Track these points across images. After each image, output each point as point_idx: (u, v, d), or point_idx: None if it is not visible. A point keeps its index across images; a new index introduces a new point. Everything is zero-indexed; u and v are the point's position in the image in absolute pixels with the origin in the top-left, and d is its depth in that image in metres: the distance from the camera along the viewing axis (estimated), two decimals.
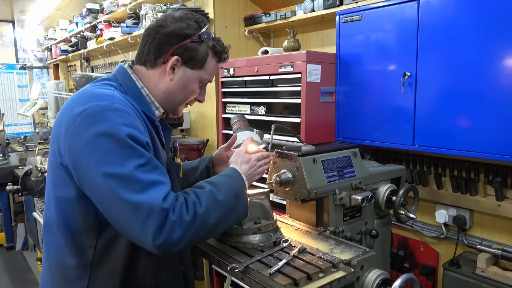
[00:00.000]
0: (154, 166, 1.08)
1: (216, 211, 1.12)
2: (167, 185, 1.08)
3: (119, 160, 1.02)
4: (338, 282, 1.25)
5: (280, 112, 2.37)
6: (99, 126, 1.04)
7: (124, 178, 1.01)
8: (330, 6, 2.45)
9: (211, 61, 1.28)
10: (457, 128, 1.81)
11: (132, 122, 1.09)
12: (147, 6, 3.60)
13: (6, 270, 4.20)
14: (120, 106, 1.10)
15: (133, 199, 1.00)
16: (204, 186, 1.17)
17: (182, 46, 1.21)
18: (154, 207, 1.01)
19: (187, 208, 1.06)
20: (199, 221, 1.08)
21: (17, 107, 5.88)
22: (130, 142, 1.05)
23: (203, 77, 1.28)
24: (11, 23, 7.73)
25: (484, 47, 1.70)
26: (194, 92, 1.30)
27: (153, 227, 1.00)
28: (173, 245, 1.04)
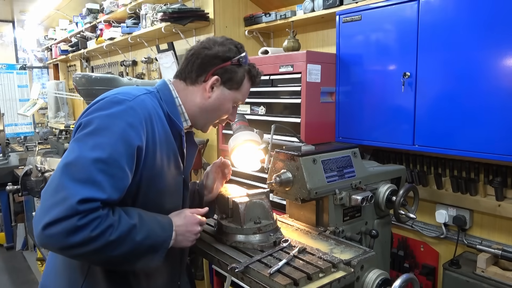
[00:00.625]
0: (112, 171, 1.06)
1: (124, 247, 1.07)
2: (104, 194, 1.03)
3: (92, 144, 1.06)
4: (338, 282, 1.25)
5: (280, 112, 2.37)
6: (103, 111, 1.12)
7: (80, 160, 1.04)
8: (330, 6, 2.45)
9: (246, 83, 1.38)
10: (457, 128, 1.81)
11: (135, 123, 1.12)
12: (147, 6, 3.61)
13: (6, 270, 4.20)
14: (134, 105, 1.15)
15: (63, 181, 1.01)
16: (133, 216, 1.12)
17: (223, 67, 1.31)
18: (68, 199, 0.99)
19: (98, 225, 1.01)
20: (101, 244, 1.03)
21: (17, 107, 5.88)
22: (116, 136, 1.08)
23: (238, 98, 1.38)
24: (11, 23, 7.73)
25: (484, 47, 1.70)
26: (227, 111, 1.38)
27: (53, 215, 0.98)
28: (62, 247, 1.00)
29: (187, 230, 1.26)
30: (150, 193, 1.22)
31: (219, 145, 2.89)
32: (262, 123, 2.40)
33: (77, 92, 2.92)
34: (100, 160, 1.04)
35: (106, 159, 1.05)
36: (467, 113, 1.77)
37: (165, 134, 1.24)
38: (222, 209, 1.57)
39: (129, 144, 1.09)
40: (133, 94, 1.19)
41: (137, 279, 1.27)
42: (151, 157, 1.18)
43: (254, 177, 2.53)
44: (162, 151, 1.22)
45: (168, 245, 1.20)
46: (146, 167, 1.17)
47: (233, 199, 1.51)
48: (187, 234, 1.26)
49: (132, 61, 4.58)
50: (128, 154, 1.09)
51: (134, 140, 1.11)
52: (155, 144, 1.19)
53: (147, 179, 1.19)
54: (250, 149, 1.79)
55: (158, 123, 1.21)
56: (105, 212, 1.04)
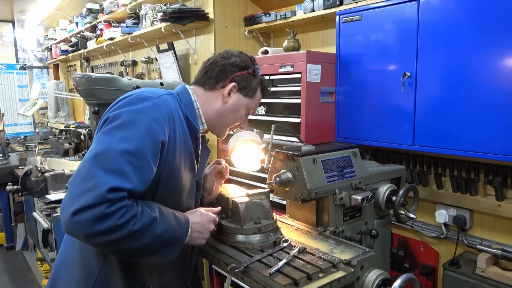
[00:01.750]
0: (138, 163, 1.10)
1: (145, 238, 1.11)
2: (130, 184, 1.07)
3: (120, 136, 1.11)
4: (338, 282, 1.25)
5: (280, 112, 2.37)
6: (130, 107, 1.17)
7: (109, 151, 1.08)
8: (330, 6, 2.45)
9: (259, 93, 1.47)
10: (457, 128, 1.81)
11: (160, 119, 1.18)
12: (147, 6, 3.61)
13: (6, 270, 4.20)
14: (159, 103, 1.21)
15: (93, 170, 1.05)
16: (154, 210, 1.15)
17: (240, 75, 1.40)
18: (98, 187, 1.02)
19: (124, 214, 1.05)
20: (125, 234, 1.06)
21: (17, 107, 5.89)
22: (142, 130, 1.12)
23: (251, 106, 1.46)
24: (11, 23, 7.72)
25: (484, 47, 1.70)
26: (241, 117, 1.45)
27: (83, 202, 1.01)
28: (90, 233, 1.03)
29: (203, 227, 1.30)
30: (168, 190, 1.26)
31: (219, 145, 2.89)
32: (262, 123, 2.40)
33: (77, 92, 2.92)
34: (127, 152, 1.09)
35: (133, 151, 1.10)
36: (467, 113, 1.77)
37: (184, 134, 1.30)
38: (222, 209, 1.57)
39: (154, 138, 1.14)
40: (158, 93, 1.26)
41: (151, 274, 1.30)
42: (171, 154, 1.22)
43: (254, 177, 2.53)
44: (180, 150, 1.27)
45: (184, 241, 1.23)
46: (166, 163, 1.21)
47: (233, 199, 1.51)
48: (203, 232, 1.30)
49: (132, 61, 4.58)
50: (153, 148, 1.14)
51: (159, 135, 1.16)
52: (175, 142, 1.24)
53: (166, 175, 1.23)
54: (250, 149, 1.79)
55: (178, 123, 1.27)
56: (130, 202, 1.08)
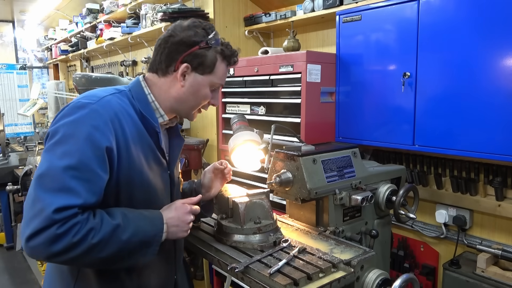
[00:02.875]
0: (85, 176, 1.07)
1: (111, 247, 1.08)
2: (80, 199, 1.04)
3: (61, 153, 1.07)
4: (338, 282, 1.25)
5: (280, 112, 2.37)
6: (68, 118, 1.12)
7: (51, 170, 1.05)
8: (330, 6, 2.45)
9: (221, 65, 1.31)
10: (457, 128, 1.81)
11: (100, 125, 1.12)
12: (147, 6, 3.61)
13: (6, 270, 4.20)
14: (97, 108, 1.14)
15: (38, 193, 1.04)
16: (116, 217, 1.12)
17: (190, 53, 1.26)
18: (44, 210, 1.00)
19: (78, 231, 1.03)
20: (85, 248, 1.04)
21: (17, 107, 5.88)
22: (82, 141, 1.08)
23: (213, 81, 1.31)
24: (11, 23, 7.73)
25: (484, 47, 1.70)
26: (205, 97, 1.33)
27: (34, 227, 1.00)
28: (48, 255, 1.03)
29: (180, 220, 1.26)
30: (135, 192, 1.22)
31: (219, 145, 2.89)
32: (262, 123, 2.40)
33: (77, 92, 2.93)
34: (70, 167, 1.05)
35: (76, 165, 1.06)
36: (467, 113, 1.77)
37: (138, 132, 1.23)
38: (222, 209, 1.57)
39: (96, 147, 1.09)
40: (98, 96, 1.19)
41: (129, 275, 1.27)
42: (125, 156, 1.17)
43: (254, 177, 2.53)
44: (137, 150, 1.22)
45: (161, 238, 1.20)
46: (122, 167, 1.17)
47: (233, 199, 1.51)
48: (181, 225, 1.26)
49: (132, 61, 4.58)
50: (97, 156, 1.09)
51: (101, 142, 1.10)
52: (127, 143, 1.18)
53: (126, 178, 1.19)
54: (250, 149, 1.79)
55: (128, 122, 1.20)
56: (84, 216, 1.05)
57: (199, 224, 1.70)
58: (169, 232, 1.23)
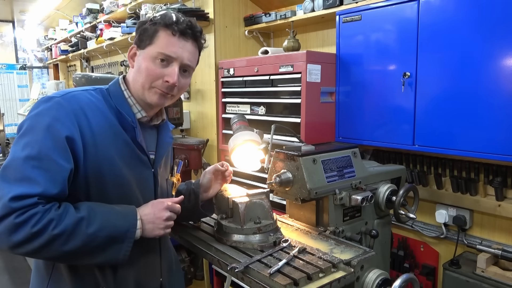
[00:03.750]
0: (45, 166, 1.07)
1: (75, 240, 1.07)
2: (39, 188, 1.05)
3: (22, 144, 1.10)
4: (338, 282, 1.25)
5: (280, 112, 2.37)
6: (32, 112, 1.15)
7: (13, 161, 1.08)
8: (330, 6, 2.45)
9: (162, 34, 1.24)
10: (457, 128, 1.81)
11: (61, 116, 1.13)
12: (147, 6, 3.60)
13: (6, 270, 4.20)
14: (61, 101, 1.16)
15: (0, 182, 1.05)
16: (81, 210, 1.12)
17: (138, 35, 1.28)
18: (2, 199, 1.02)
19: (38, 221, 1.03)
20: (46, 239, 1.04)
21: (17, 107, 5.89)
22: (41, 131, 1.09)
23: (154, 51, 1.24)
24: (11, 23, 7.73)
25: (484, 47, 1.70)
26: (148, 71, 1.24)
27: None
28: (9, 245, 1.03)
29: (155, 217, 1.22)
30: (105, 186, 1.20)
31: (219, 145, 2.89)
32: (262, 123, 2.40)
33: None
34: (30, 157, 1.07)
35: (36, 155, 1.07)
36: (467, 113, 1.77)
37: (110, 126, 1.22)
38: (222, 209, 1.57)
39: (57, 136, 1.10)
40: (66, 91, 1.21)
41: (103, 274, 1.24)
42: (92, 148, 1.16)
43: (254, 177, 2.53)
44: (107, 143, 1.20)
45: (134, 234, 1.17)
46: (88, 158, 1.16)
47: (233, 199, 1.51)
48: (157, 221, 1.23)
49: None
50: (57, 147, 1.10)
51: (61, 132, 1.11)
52: (93, 135, 1.17)
53: (94, 171, 1.17)
54: (250, 149, 1.79)
55: (96, 116, 1.20)
56: (46, 207, 1.05)
57: (199, 224, 1.70)
58: (144, 229, 1.21)
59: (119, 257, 1.16)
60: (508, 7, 1.62)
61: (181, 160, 1.50)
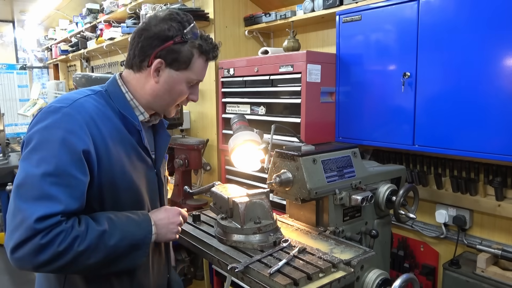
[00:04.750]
0: (64, 181, 1.04)
1: (99, 253, 1.07)
2: (61, 206, 1.02)
3: (37, 160, 1.04)
4: (338, 282, 1.25)
5: (280, 112, 2.37)
6: (41, 124, 1.09)
7: (29, 179, 1.03)
8: (330, 6, 2.45)
9: (198, 60, 1.25)
10: (457, 128, 1.81)
11: (74, 129, 1.09)
12: (147, 6, 3.60)
13: (6, 270, 4.20)
14: (70, 111, 1.11)
15: (18, 203, 1.01)
16: (101, 222, 1.10)
17: (164, 48, 1.20)
18: (25, 221, 0.98)
19: (63, 239, 1.01)
20: (72, 256, 1.03)
21: (17, 107, 5.89)
22: (56, 145, 1.05)
23: (190, 78, 1.26)
24: (11, 23, 7.73)
25: (484, 47, 1.70)
26: (181, 93, 1.28)
27: (17, 238, 0.99)
28: (34, 266, 1.01)
29: (169, 222, 1.25)
30: (120, 195, 1.20)
31: (219, 145, 2.89)
32: (262, 123, 2.40)
33: None
34: (48, 174, 1.02)
35: (54, 171, 1.03)
36: (467, 113, 1.77)
37: (118, 132, 1.20)
38: (222, 209, 1.57)
39: (73, 150, 1.06)
40: (71, 99, 1.15)
41: (119, 277, 1.24)
42: (105, 158, 1.15)
43: (254, 177, 2.53)
44: (118, 150, 1.18)
45: (150, 240, 1.19)
46: (103, 169, 1.14)
47: (233, 199, 1.51)
48: (171, 226, 1.26)
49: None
50: (74, 161, 1.06)
51: (77, 145, 1.07)
52: (106, 144, 1.15)
53: (108, 181, 1.16)
54: (250, 149, 1.80)
55: (105, 123, 1.17)
56: (69, 224, 1.03)
57: (199, 224, 1.70)
58: (158, 234, 1.22)
59: (137, 263, 1.17)
60: (507, 7, 1.62)
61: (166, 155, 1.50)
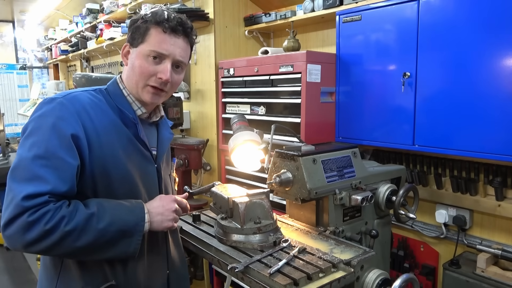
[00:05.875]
0: (53, 164, 1.09)
1: (87, 236, 1.09)
2: (48, 186, 1.07)
3: (29, 145, 1.11)
4: (338, 282, 1.25)
5: (280, 112, 2.37)
6: (36, 113, 1.17)
7: (21, 162, 1.10)
8: (330, 6, 2.45)
9: (154, 31, 1.26)
10: (457, 128, 1.81)
11: (65, 115, 1.15)
12: (147, 6, 3.60)
13: (6, 270, 4.20)
14: (63, 101, 1.18)
15: (10, 184, 1.08)
16: (91, 206, 1.14)
17: (130, 33, 1.29)
18: (14, 199, 1.05)
19: (50, 218, 1.05)
20: (59, 236, 1.06)
21: (17, 107, 5.90)
22: (47, 131, 1.12)
23: (146, 49, 1.26)
24: (11, 23, 7.73)
25: (484, 47, 1.70)
26: (142, 68, 1.26)
27: (7, 216, 1.05)
28: (23, 244, 1.06)
29: (164, 208, 1.26)
30: (113, 184, 1.22)
31: (219, 145, 2.89)
32: (262, 123, 2.40)
33: None
34: (37, 156, 1.09)
35: (43, 154, 1.09)
36: (467, 113, 1.77)
37: (114, 125, 1.25)
38: (222, 209, 1.57)
39: (62, 135, 1.12)
40: (67, 92, 1.23)
41: (114, 268, 1.25)
42: (96, 146, 1.19)
43: (254, 177, 2.53)
44: (111, 140, 1.22)
45: (142, 227, 1.20)
46: (94, 156, 1.18)
47: (233, 199, 1.51)
48: (166, 213, 1.26)
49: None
50: (64, 144, 1.12)
51: (66, 130, 1.13)
52: (97, 133, 1.19)
53: (100, 169, 1.19)
54: (250, 149, 1.80)
55: (98, 115, 1.22)
56: (57, 205, 1.08)
57: (199, 224, 1.70)
58: (153, 222, 1.23)
59: (130, 251, 1.18)
60: (507, 7, 1.62)
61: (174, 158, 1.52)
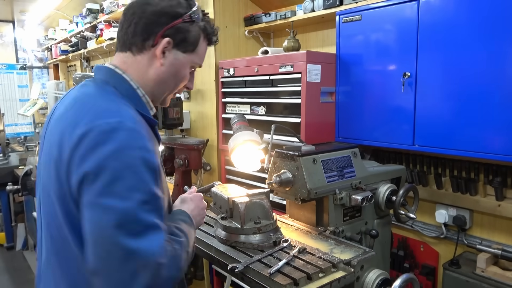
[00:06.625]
0: (156, 205, 0.96)
1: (185, 263, 1.04)
2: (163, 230, 0.95)
3: (124, 191, 0.90)
4: (338, 282, 1.25)
5: (280, 112, 2.37)
6: (106, 147, 0.91)
7: (125, 215, 0.89)
8: (330, 6, 2.45)
9: (202, 43, 1.18)
10: (457, 128, 1.81)
11: (145, 144, 0.97)
12: None
13: (6, 270, 4.20)
14: (131, 125, 0.96)
15: (129, 245, 0.87)
16: (178, 234, 1.06)
17: (173, 26, 1.08)
18: (149, 259, 0.89)
19: (176, 263, 0.98)
20: (183, 260, 1.03)
21: (17, 107, 5.89)
22: (140, 168, 0.93)
23: (195, 61, 1.18)
24: (11, 23, 7.72)
25: (484, 46, 1.70)
26: (185, 78, 1.18)
27: (144, 283, 0.88)
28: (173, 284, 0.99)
29: (199, 209, 1.27)
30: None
31: (219, 145, 2.89)
32: (262, 123, 2.40)
33: None
34: (142, 202, 0.92)
35: (145, 197, 0.93)
36: (467, 113, 1.77)
37: (151, 136, 1.09)
38: (222, 209, 1.57)
39: (152, 169, 0.96)
40: (114, 110, 0.99)
41: None
42: None
43: (254, 177, 2.53)
44: None
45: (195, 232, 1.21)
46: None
47: (233, 199, 1.51)
48: (201, 213, 1.29)
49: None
50: (154, 179, 0.97)
51: (154, 162, 0.98)
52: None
53: None
54: (250, 149, 1.80)
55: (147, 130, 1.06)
56: (169, 247, 0.98)
57: None
58: (197, 224, 1.25)
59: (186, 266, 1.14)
60: (507, 7, 1.62)
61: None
